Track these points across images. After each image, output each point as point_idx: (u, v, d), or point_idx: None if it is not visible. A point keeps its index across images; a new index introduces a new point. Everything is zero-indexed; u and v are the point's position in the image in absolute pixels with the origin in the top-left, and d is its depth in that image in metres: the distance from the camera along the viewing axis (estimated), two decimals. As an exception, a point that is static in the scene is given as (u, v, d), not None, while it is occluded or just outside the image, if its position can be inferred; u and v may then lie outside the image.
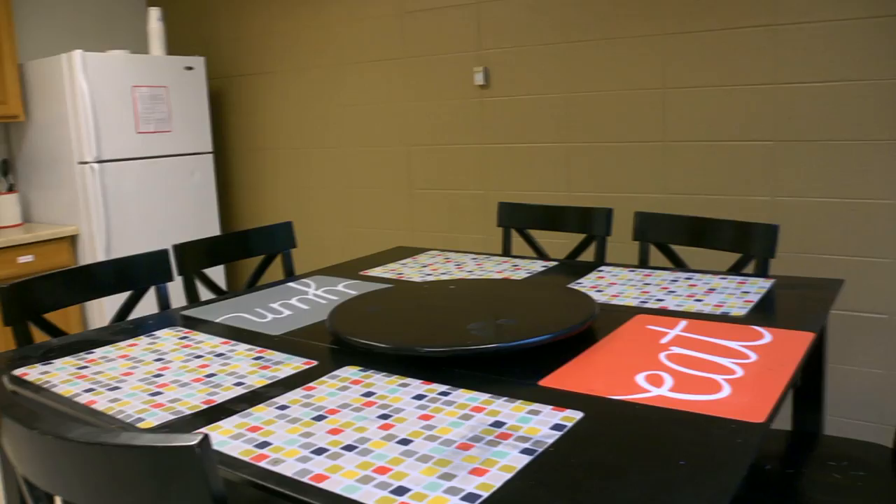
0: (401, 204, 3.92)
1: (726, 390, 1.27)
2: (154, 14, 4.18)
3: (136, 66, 3.91)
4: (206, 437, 0.85)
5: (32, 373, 1.55)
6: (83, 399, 1.39)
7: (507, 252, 2.84)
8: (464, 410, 1.23)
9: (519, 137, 3.45)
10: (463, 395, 1.29)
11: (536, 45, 3.33)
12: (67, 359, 1.63)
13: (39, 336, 2.06)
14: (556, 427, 1.15)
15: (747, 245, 2.24)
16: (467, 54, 3.55)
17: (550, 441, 1.11)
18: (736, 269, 2.23)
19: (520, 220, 2.83)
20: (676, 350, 1.48)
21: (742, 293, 1.88)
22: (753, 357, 1.42)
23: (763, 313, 1.70)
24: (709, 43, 2.91)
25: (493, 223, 3.62)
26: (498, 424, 1.17)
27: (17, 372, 1.56)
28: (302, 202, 4.36)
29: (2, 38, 3.76)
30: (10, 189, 3.99)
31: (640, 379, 1.34)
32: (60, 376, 1.52)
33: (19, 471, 1.07)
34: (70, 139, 3.75)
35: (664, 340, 1.54)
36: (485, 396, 1.29)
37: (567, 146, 3.32)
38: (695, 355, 1.44)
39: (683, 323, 1.66)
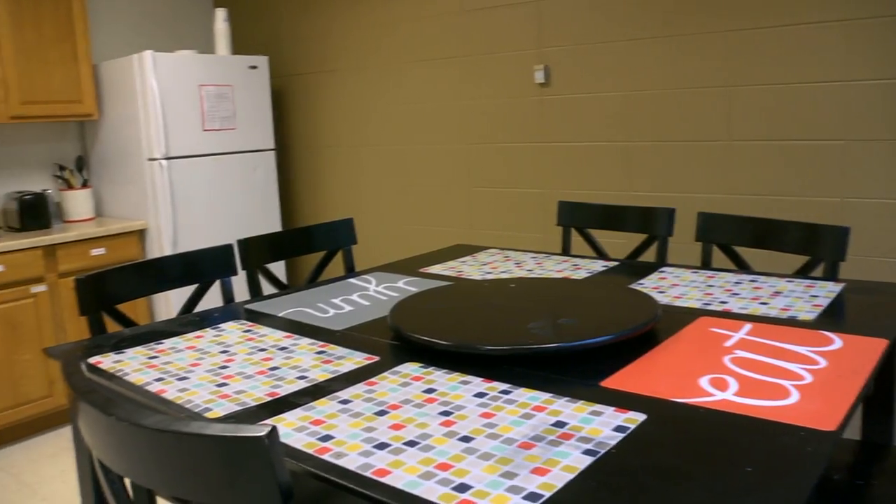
0: (459, 202, 3.93)
1: (795, 396, 1.24)
2: (220, 15, 4.27)
3: (203, 66, 4.00)
4: (274, 429, 0.86)
5: (106, 361, 1.60)
6: (154, 388, 1.43)
7: (566, 251, 2.83)
8: (525, 409, 1.23)
9: (579, 136, 3.43)
10: (524, 394, 1.29)
11: (597, 43, 3.30)
12: (138, 348, 1.68)
13: (111, 326, 2.12)
14: (619, 429, 1.14)
15: (816, 247, 2.18)
16: (527, 52, 3.54)
17: (613, 443, 1.10)
18: (803, 273, 2.18)
19: (580, 220, 2.81)
20: (742, 354, 1.45)
21: (810, 297, 1.84)
22: (823, 363, 1.38)
23: (833, 318, 1.66)
24: (776, 39, 2.84)
25: (551, 222, 3.60)
26: (560, 424, 1.17)
27: (92, 360, 1.61)
28: (360, 199, 4.40)
29: (77, 41, 3.89)
30: (84, 185, 4.13)
31: (705, 382, 1.31)
32: (132, 365, 1.57)
33: (94, 453, 1.11)
34: (140, 136, 3.86)
35: (728, 343, 1.51)
36: (546, 396, 1.28)
37: (627, 145, 3.28)
38: (761, 359, 1.41)
39: (748, 326, 1.62)
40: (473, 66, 3.75)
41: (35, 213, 3.82)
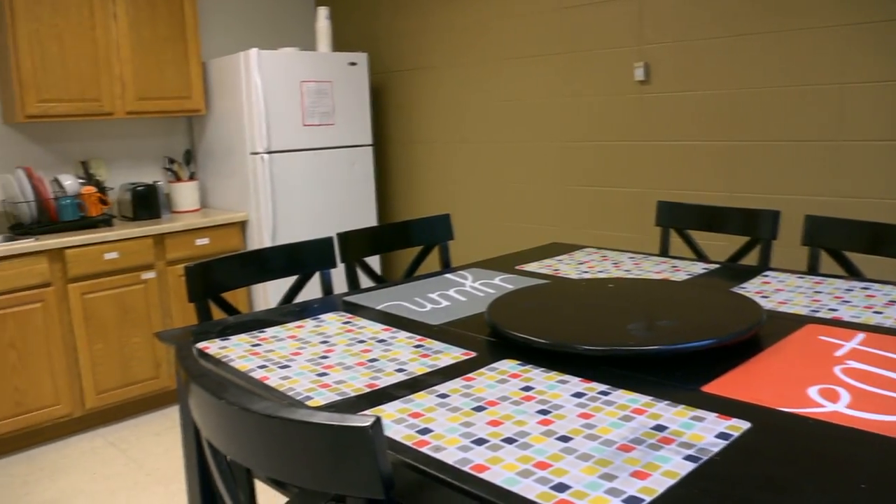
0: (554, 200, 3.90)
1: (912, 411, 1.18)
2: (322, 13, 4.37)
3: (305, 63, 4.10)
4: (378, 420, 0.88)
5: (213, 347, 1.67)
6: (257, 374, 1.48)
7: (664, 252, 2.77)
8: (624, 411, 1.21)
9: (679, 134, 3.35)
10: (623, 396, 1.27)
11: (700, 39, 3.21)
12: (242, 336, 1.75)
13: (216, 314, 2.20)
14: (722, 436, 1.11)
15: (935, 255, 2.07)
16: (627, 49, 3.48)
17: (716, 450, 1.07)
18: (921, 281, 2.06)
19: (679, 220, 2.74)
20: (854, 364, 1.39)
21: (929, 307, 1.74)
22: (944, 377, 1.31)
23: (954, 330, 1.57)
24: (894, 32, 2.70)
25: (649, 222, 3.53)
26: (660, 428, 1.15)
27: (200, 345, 1.68)
28: (455, 195, 4.43)
29: (189, 40, 4.06)
30: (191, 177, 4.31)
31: (813, 392, 1.27)
32: (236, 352, 1.63)
33: (203, 433, 1.15)
34: (244, 131, 3.99)
35: (839, 353, 1.45)
36: (645, 399, 1.26)
37: (730, 144, 3.18)
38: (876, 371, 1.35)
39: (861, 336, 1.55)
40: (571, 63, 3.72)
41: (146, 203, 4.01)
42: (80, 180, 3.89)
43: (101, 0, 3.73)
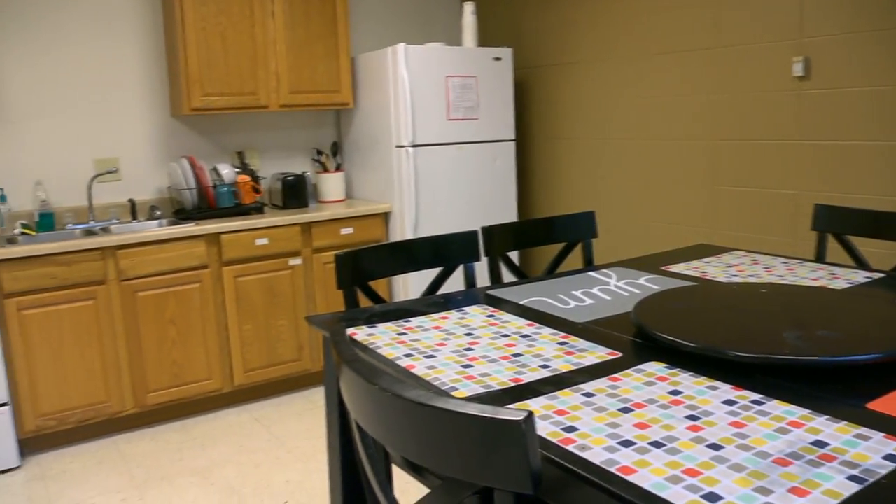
0: (702, 200, 3.77)
1: None
2: (468, 8, 4.41)
3: (450, 58, 4.16)
4: (531, 415, 0.89)
5: (360, 333, 1.73)
6: (403, 363, 1.52)
7: (820, 258, 2.62)
8: (780, 423, 1.16)
9: (840, 134, 3.15)
10: (778, 407, 1.22)
11: (867, 32, 3.01)
12: (388, 324, 1.80)
13: (362, 301, 2.28)
14: (890, 458, 1.05)
15: None
16: (785, 43, 3.30)
17: (883, 472, 1.01)
18: None
19: (838, 225, 2.59)
20: None
21: None
22: None
23: None
24: None
25: (804, 226, 3.35)
26: (819, 444, 1.09)
27: (349, 331, 1.75)
28: (596, 193, 4.36)
29: (339, 36, 4.21)
30: (338, 168, 4.47)
31: None
32: (383, 339, 1.68)
33: (353, 416, 1.20)
34: (390, 124, 4.10)
35: None
36: (803, 412, 1.20)
37: (900, 145, 2.97)
38: None
39: None
40: (723, 58, 3.57)
41: (295, 192, 4.19)
42: (236, 169, 4.11)
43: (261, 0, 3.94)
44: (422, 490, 2.88)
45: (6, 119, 3.73)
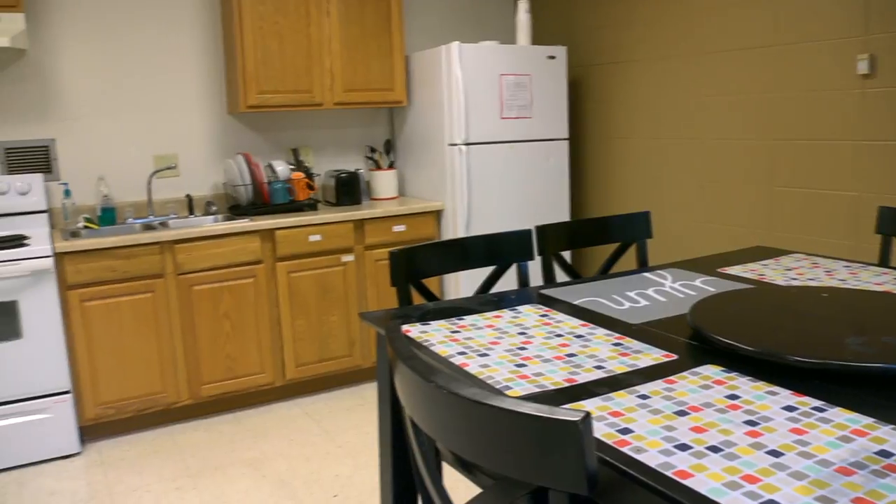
0: (759, 201, 3.70)
1: None
2: (522, 6, 4.40)
3: (504, 56, 4.15)
4: (587, 415, 0.88)
5: (414, 330, 1.74)
6: (457, 361, 1.52)
7: (884, 263, 2.55)
8: (843, 431, 1.13)
9: (907, 135, 3.06)
10: (841, 415, 1.19)
11: (941, 30, 2.91)
12: (441, 322, 1.80)
13: (415, 299, 2.29)
14: (960, 468, 1.01)
15: None
16: (850, 40, 3.22)
17: (952, 483, 0.98)
18: None
19: (904, 229, 2.51)
20: None
21: None
22: None
23: None
24: None
25: (867, 229, 3.26)
26: (885, 454, 1.06)
27: (402, 328, 1.76)
28: (651, 192, 4.31)
29: (393, 35, 4.24)
30: (391, 166, 4.50)
31: None
32: (437, 337, 1.68)
33: (407, 412, 1.21)
34: (443, 122, 4.11)
35: None
36: (867, 420, 1.17)
37: (971, 147, 2.87)
38: None
39: None
40: (784, 56, 3.49)
41: (349, 189, 4.23)
42: (291, 166, 4.17)
43: (318, -2, 3.99)
44: (470, 487, 2.89)
45: (71, 117, 3.85)
